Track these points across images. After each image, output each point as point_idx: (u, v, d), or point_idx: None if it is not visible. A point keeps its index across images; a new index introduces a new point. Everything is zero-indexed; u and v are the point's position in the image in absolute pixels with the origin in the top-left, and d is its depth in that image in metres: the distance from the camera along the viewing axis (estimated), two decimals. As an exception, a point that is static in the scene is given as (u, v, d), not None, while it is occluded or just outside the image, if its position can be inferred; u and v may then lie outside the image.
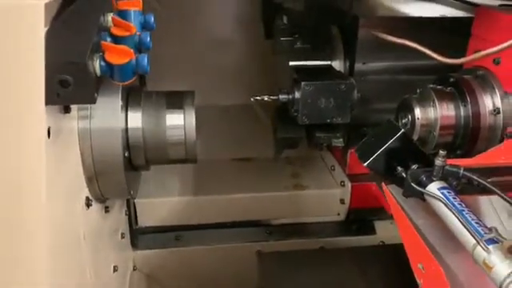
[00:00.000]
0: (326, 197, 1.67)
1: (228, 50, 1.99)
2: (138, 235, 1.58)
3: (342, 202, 1.65)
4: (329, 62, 1.39)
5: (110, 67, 0.74)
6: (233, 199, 1.63)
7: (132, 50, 0.73)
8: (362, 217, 1.66)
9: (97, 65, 0.72)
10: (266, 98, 1.31)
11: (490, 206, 1.00)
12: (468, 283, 0.89)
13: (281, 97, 1.28)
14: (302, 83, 1.22)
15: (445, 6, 1.53)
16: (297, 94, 1.24)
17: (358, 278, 1.29)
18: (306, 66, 1.37)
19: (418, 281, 0.91)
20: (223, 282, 1.63)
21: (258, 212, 1.65)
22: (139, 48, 0.82)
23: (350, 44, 1.37)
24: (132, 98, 1.04)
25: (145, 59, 0.75)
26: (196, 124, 1.06)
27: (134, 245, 1.55)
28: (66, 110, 0.83)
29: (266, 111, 1.93)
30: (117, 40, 0.78)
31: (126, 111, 1.01)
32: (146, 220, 1.60)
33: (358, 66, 1.37)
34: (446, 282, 0.78)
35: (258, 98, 1.31)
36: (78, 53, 0.68)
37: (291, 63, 1.36)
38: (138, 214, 1.58)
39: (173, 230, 1.62)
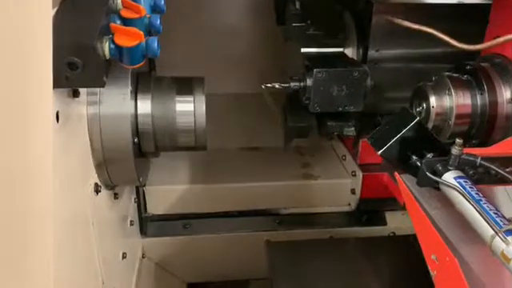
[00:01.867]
0: (336, 187, 1.65)
1: (238, 37, 1.97)
2: (146, 223, 1.58)
3: (353, 192, 1.63)
4: (341, 49, 1.36)
5: (119, 50, 0.72)
6: (242, 188, 1.62)
7: (142, 33, 0.71)
8: (372, 207, 1.64)
9: (106, 47, 0.70)
10: (276, 86, 1.28)
11: (507, 196, 0.97)
12: (483, 275, 0.87)
13: (292, 84, 1.25)
14: (315, 70, 1.19)
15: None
16: (308, 82, 1.22)
17: (367, 268, 1.27)
18: (318, 52, 1.34)
19: (431, 272, 0.90)
20: (231, 270, 1.63)
21: (267, 201, 1.64)
22: (149, 31, 0.80)
23: (364, 30, 1.34)
24: (141, 83, 1.02)
25: (155, 42, 0.74)
26: (206, 111, 1.05)
27: (143, 232, 1.55)
28: (75, 94, 0.81)
29: (275, 100, 1.91)
30: (126, 22, 0.76)
31: (136, 97, 0.99)
32: (154, 207, 1.60)
33: (372, 53, 1.33)
34: (460, 273, 0.75)
35: (268, 85, 1.28)
36: (86, 34, 0.67)
37: (303, 50, 1.33)
38: (147, 202, 1.58)
39: (181, 217, 1.61)
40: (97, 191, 0.95)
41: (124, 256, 1.20)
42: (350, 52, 1.37)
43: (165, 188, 1.59)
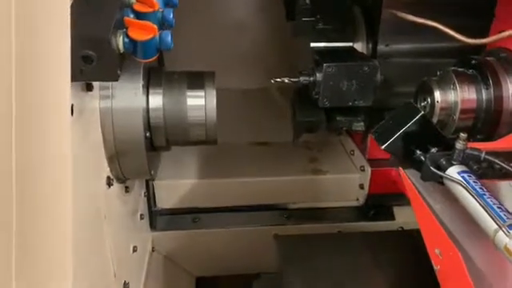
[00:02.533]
0: (344, 182, 1.65)
1: (247, 33, 1.96)
2: (156, 217, 1.59)
3: (362, 187, 1.63)
4: (351, 44, 1.35)
5: (133, 44, 0.73)
6: (250, 182, 1.63)
7: (156, 26, 0.71)
8: (380, 202, 1.64)
9: (120, 41, 0.71)
10: (286, 81, 1.28)
11: (511, 190, 0.97)
12: (487, 269, 0.87)
13: (301, 79, 1.25)
14: (324, 65, 1.19)
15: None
16: (318, 76, 1.22)
17: (375, 263, 1.28)
18: (328, 47, 1.34)
19: (434, 267, 0.90)
20: (240, 264, 1.64)
21: (276, 196, 1.64)
22: (162, 25, 0.80)
23: (373, 25, 1.34)
24: (153, 77, 1.03)
25: (168, 35, 0.74)
26: (216, 105, 1.05)
27: (153, 226, 1.56)
28: (89, 87, 0.82)
29: (284, 95, 1.92)
30: (139, 16, 0.77)
31: (147, 91, 1.00)
32: (164, 202, 1.60)
33: (381, 47, 1.33)
34: (464, 267, 0.76)
35: (278, 80, 1.28)
36: (101, 28, 0.67)
37: (312, 44, 1.33)
38: (156, 196, 1.59)
39: (190, 212, 1.62)
40: (109, 184, 0.96)
41: (135, 249, 1.21)
42: (359, 47, 1.36)
43: (174, 182, 1.60)
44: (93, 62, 0.67)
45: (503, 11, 1.18)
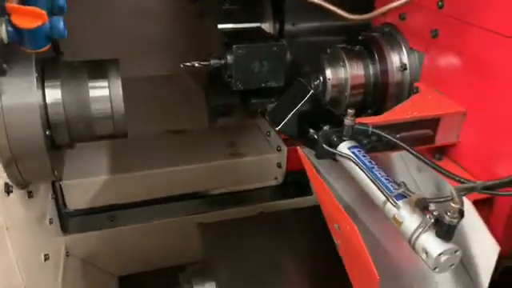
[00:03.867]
0: (263, 162, 1.68)
1: (150, 17, 1.87)
2: (67, 219, 1.48)
3: (279, 165, 1.67)
4: (259, 24, 1.34)
5: (19, 32, 0.64)
6: (168, 173, 1.58)
7: (44, 12, 0.63)
8: (298, 179, 1.68)
9: (3, 30, 0.62)
10: (196, 65, 1.24)
11: (402, 161, 1.03)
12: (383, 239, 0.92)
13: (212, 62, 1.21)
14: (234, 46, 1.17)
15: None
16: (229, 59, 1.19)
17: (293, 240, 1.31)
18: (236, 28, 1.31)
19: (335, 241, 0.93)
20: (164, 258, 1.60)
21: (196, 184, 1.62)
22: (52, 11, 0.72)
23: (280, 4, 1.34)
24: (48, 68, 0.93)
25: (60, 22, 0.67)
26: (124, 95, 0.98)
27: (65, 229, 1.45)
28: None
29: (196, 80, 1.87)
30: (25, 1, 0.68)
31: (43, 84, 0.90)
32: (75, 202, 1.50)
33: (288, 27, 1.34)
34: (360, 241, 0.79)
35: (187, 64, 1.23)
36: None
37: (220, 26, 1.30)
38: (65, 197, 1.48)
39: (105, 210, 1.54)
40: (8, 191, 0.86)
41: (46, 257, 1.12)
42: (266, 27, 1.36)
43: (83, 181, 1.51)
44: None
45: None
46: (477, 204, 0.90)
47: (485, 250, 0.87)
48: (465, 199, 0.83)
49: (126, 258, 1.59)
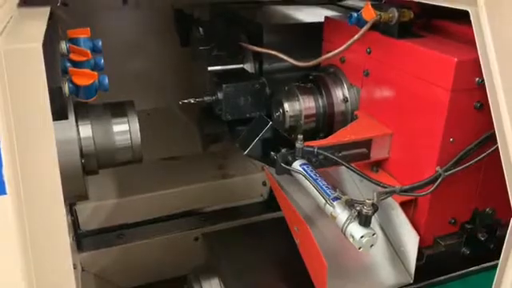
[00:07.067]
0: (250, 181, 1.92)
1: (142, 57, 2.05)
2: (81, 239, 1.68)
3: (264, 184, 1.91)
4: (242, 65, 1.60)
5: (76, 88, 0.88)
6: (168, 194, 1.80)
7: (96, 73, 0.88)
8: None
9: (66, 87, 0.86)
10: (192, 101, 1.49)
11: (348, 173, 1.25)
12: (332, 236, 1.12)
13: (206, 98, 1.47)
14: (223, 85, 1.42)
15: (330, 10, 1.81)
16: (219, 95, 1.44)
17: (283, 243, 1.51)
18: (223, 69, 1.57)
19: (296, 241, 1.15)
20: (165, 270, 1.79)
21: (192, 202, 1.84)
22: (94, 69, 0.96)
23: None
24: (79, 110, 1.16)
25: (105, 79, 0.91)
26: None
27: (80, 248, 1.65)
28: None
29: (185, 113, 2.09)
30: (75, 64, 0.92)
31: (77, 123, 1.14)
32: (87, 224, 1.71)
33: (266, 66, 1.57)
34: (312, 238, 1.01)
35: (185, 101, 1.48)
36: (53, 79, 0.82)
37: (210, 68, 1.55)
38: (79, 219, 1.68)
39: (114, 229, 1.74)
40: None
41: (75, 267, 1.31)
42: (248, 67, 1.62)
43: (95, 204, 1.71)
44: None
45: (327, 35, 1.42)
46: (403, 205, 1.11)
47: (409, 240, 1.09)
48: (393, 201, 1.10)
49: (132, 271, 1.76)
